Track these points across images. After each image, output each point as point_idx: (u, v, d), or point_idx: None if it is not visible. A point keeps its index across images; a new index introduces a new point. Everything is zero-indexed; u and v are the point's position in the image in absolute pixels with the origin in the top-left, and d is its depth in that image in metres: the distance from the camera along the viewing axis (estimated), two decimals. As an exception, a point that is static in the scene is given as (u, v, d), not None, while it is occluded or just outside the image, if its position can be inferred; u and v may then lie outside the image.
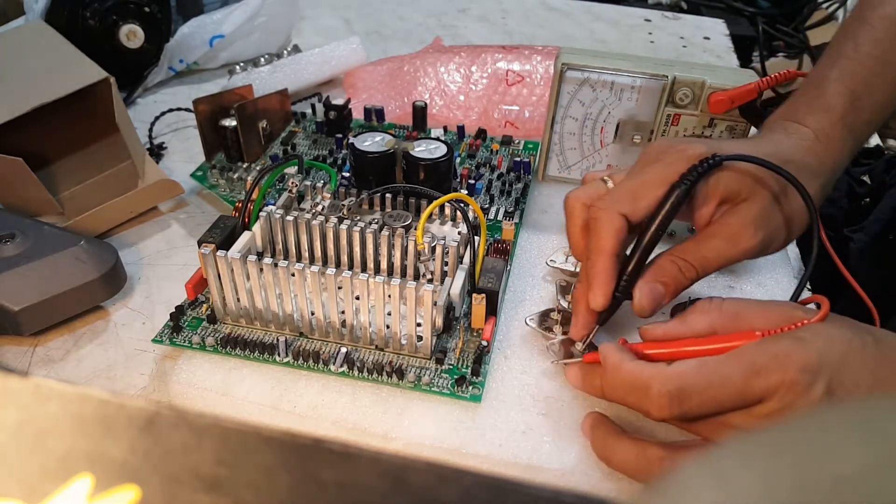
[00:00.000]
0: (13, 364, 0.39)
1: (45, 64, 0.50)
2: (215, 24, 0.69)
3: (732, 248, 0.36)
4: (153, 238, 0.49)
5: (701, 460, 0.13)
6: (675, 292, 0.36)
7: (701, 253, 0.37)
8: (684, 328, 0.34)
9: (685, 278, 0.36)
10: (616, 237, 0.36)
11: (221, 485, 0.12)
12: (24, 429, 0.13)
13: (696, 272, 0.36)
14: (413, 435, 0.35)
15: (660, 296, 0.36)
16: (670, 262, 0.36)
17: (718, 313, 0.34)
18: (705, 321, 0.34)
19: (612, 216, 0.36)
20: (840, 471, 0.12)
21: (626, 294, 0.37)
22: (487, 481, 0.12)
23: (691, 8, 1.15)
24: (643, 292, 0.36)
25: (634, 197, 0.36)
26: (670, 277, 0.36)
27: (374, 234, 0.41)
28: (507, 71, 0.64)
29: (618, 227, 0.36)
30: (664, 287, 0.36)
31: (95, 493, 0.12)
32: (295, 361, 0.38)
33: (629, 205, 0.36)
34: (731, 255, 0.37)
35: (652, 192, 0.36)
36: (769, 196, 0.37)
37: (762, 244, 0.37)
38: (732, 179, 0.36)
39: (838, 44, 0.44)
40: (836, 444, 0.12)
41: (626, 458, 0.33)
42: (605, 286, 0.36)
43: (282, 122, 0.58)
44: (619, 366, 0.33)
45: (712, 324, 0.34)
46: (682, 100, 0.48)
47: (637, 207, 0.36)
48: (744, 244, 0.36)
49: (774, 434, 0.14)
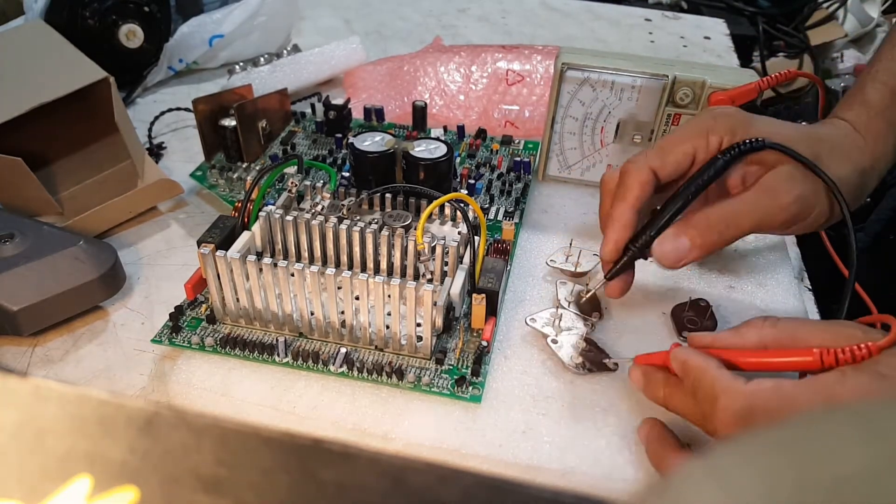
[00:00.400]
0: (12, 364, 0.39)
1: (45, 64, 0.50)
2: (215, 24, 0.69)
3: (768, 202, 0.35)
4: (152, 238, 0.49)
5: (701, 460, 0.13)
6: (703, 246, 0.35)
7: (733, 206, 0.35)
8: (737, 340, 0.32)
9: (714, 232, 0.35)
10: (641, 188, 0.35)
11: (221, 485, 0.12)
12: (24, 429, 0.13)
13: (727, 225, 0.35)
14: (413, 435, 0.35)
15: (684, 249, 0.35)
16: (700, 215, 0.35)
17: (772, 329, 0.32)
18: (756, 336, 0.32)
19: (640, 167, 0.36)
20: (840, 471, 0.11)
21: (642, 251, 0.36)
22: (487, 481, 0.12)
23: (691, 8, 1.15)
24: (667, 241, 0.35)
25: (663, 152, 0.36)
26: (699, 230, 0.35)
27: (373, 234, 0.41)
28: (507, 71, 0.64)
29: (644, 179, 0.36)
30: (689, 239, 0.35)
31: (95, 493, 0.12)
32: (294, 362, 0.38)
33: (658, 159, 0.36)
34: (766, 211, 0.35)
35: (679, 146, 0.36)
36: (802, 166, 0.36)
37: (800, 202, 0.35)
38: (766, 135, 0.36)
39: (879, 51, 0.44)
40: (837, 444, 0.12)
41: None
42: (618, 233, 0.35)
43: (281, 122, 0.58)
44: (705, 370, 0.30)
45: (763, 339, 0.32)
46: (683, 99, 0.48)
47: (666, 162, 0.36)
48: (781, 198, 0.35)
49: (775, 434, 0.14)
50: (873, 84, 0.41)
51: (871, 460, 0.12)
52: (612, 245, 0.36)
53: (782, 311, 0.44)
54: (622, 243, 0.36)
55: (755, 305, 0.44)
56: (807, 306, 0.45)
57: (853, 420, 0.13)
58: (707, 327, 0.41)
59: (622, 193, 0.36)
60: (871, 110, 0.40)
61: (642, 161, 0.36)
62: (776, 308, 0.44)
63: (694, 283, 0.45)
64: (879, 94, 0.41)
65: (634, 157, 0.37)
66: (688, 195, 0.36)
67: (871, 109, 0.40)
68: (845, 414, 0.14)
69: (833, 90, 1.24)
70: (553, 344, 0.39)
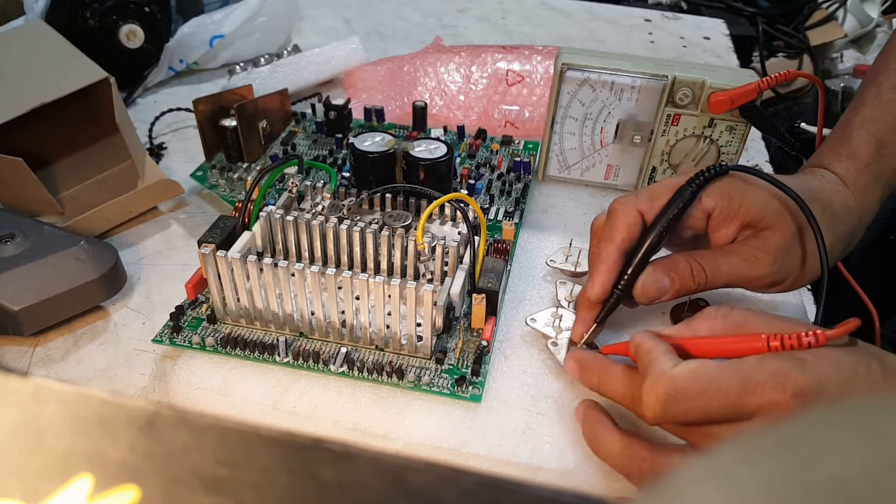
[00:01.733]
0: (13, 364, 0.39)
1: (45, 64, 0.50)
2: (215, 24, 0.69)
3: (746, 269, 0.36)
4: (153, 238, 0.49)
5: (701, 460, 0.13)
6: (679, 291, 0.36)
7: (716, 263, 0.36)
8: (689, 332, 0.33)
9: (693, 281, 0.36)
10: (627, 229, 0.36)
11: (221, 485, 0.12)
12: (24, 429, 0.13)
13: (705, 279, 0.36)
14: (413, 435, 0.35)
15: (664, 287, 0.36)
16: (684, 261, 0.37)
17: (723, 321, 0.33)
18: (707, 327, 0.33)
19: (627, 209, 0.36)
20: (841, 471, 0.12)
21: (626, 291, 0.36)
22: (487, 481, 0.12)
23: (691, 8, 1.15)
24: (650, 278, 0.36)
25: (652, 196, 0.37)
26: (679, 274, 0.36)
27: (374, 234, 0.41)
28: (507, 71, 0.64)
29: (631, 221, 0.36)
30: (670, 281, 0.36)
31: (95, 493, 0.12)
32: (295, 361, 0.38)
33: (646, 203, 0.36)
34: (742, 276, 0.37)
35: (668, 190, 0.37)
36: (792, 230, 0.37)
37: (775, 276, 0.37)
38: (758, 204, 0.36)
39: (862, 90, 0.44)
40: (837, 444, 0.12)
41: (611, 451, 0.32)
42: (605, 275, 0.36)
43: (282, 122, 0.58)
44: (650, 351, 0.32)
45: (714, 331, 0.33)
46: (682, 100, 0.48)
47: (653, 206, 0.36)
48: (758, 269, 0.36)
49: (775, 434, 0.14)
50: (860, 134, 0.42)
51: (871, 460, 0.12)
52: (599, 287, 0.36)
53: (781, 311, 0.44)
54: (609, 284, 0.36)
55: (755, 305, 0.44)
56: (806, 306, 0.45)
57: (853, 420, 0.13)
58: None
59: (609, 234, 0.37)
60: (859, 163, 0.41)
61: (630, 202, 0.37)
62: (776, 308, 0.44)
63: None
64: (867, 146, 0.41)
65: (621, 199, 0.37)
66: (661, 230, 0.36)
67: (858, 162, 0.41)
68: (846, 414, 0.14)
69: (833, 90, 1.24)
70: (553, 346, 0.39)
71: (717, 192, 0.37)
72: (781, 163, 0.87)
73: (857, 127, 0.42)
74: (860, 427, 0.13)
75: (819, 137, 0.51)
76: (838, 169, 0.41)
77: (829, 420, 0.14)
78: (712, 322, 0.33)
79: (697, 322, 0.34)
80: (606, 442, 0.33)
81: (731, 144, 0.50)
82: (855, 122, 0.42)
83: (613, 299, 0.37)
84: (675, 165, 0.52)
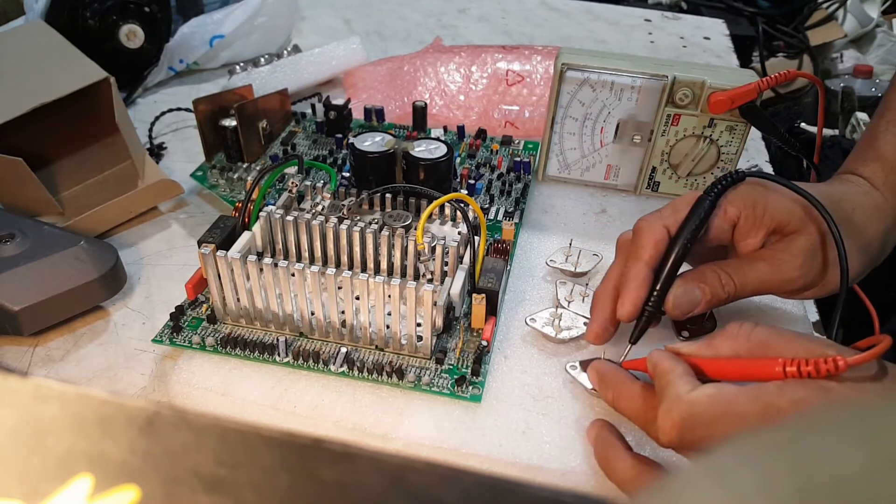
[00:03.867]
0: (13, 364, 0.39)
1: (45, 64, 0.50)
2: (215, 24, 0.69)
3: (775, 274, 0.36)
4: (153, 238, 0.49)
5: (701, 460, 0.13)
6: (710, 303, 0.36)
7: (743, 270, 0.36)
8: (710, 352, 0.32)
9: (723, 291, 0.36)
10: (654, 246, 0.36)
11: (221, 485, 0.12)
12: (24, 429, 0.13)
13: (734, 288, 0.36)
14: (413, 435, 0.35)
15: (696, 299, 0.36)
16: (712, 272, 0.36)
17: (745, 340, 0.32)
18: (730, 347, 0.32)
19: (653, 226, 0.36)
20: (841, 472, 0.12)
21: (657, 307, 0.36)
22: (487, 481, 0.12)
23: (691, 8, 1.15)
24: (681, 290, 0.35)
25: (675, 210, 0.37)
26: (710, 285, 0.36)
27: (374, 234, 0.41)
28: (507, 71, 0.64)
29: (658, 237, 0.36)
30: (701, 292, 0.36)
31: (95, 493, 0.12)
32: (295, 361, 0.38)
33: (671, 217, 0.37)
34: (771, 281, 0.36)
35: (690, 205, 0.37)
36: (820, 232, 0.36)
37: (804, 278, 0.36)
38: (782, 210, 0.36)
39: (887, 97, 0.44)
40: (837, 444, 0.12)
41: (624, 476, 0.32)
42: (635, 293, 0.36)
43: (282, 122, 0.58)
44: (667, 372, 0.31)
45: (737, 351, 0.32)
46: (682, 100, 0.48)
47: (677, 220, 0.36)
48: (787, 273, 0.36)
49: (775, 434, 0.14)
50: (885, 136, 0.41)
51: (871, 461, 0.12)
52: (629, 306, 0.36)
53: (782, 314, 0.44)
54: (640, 302, 0.36)
55: (755, 307, 0.44)
56: (807, 308, 0.45)
57: (853, 420, 0.13)
58: (707, 328, 0.41)
59: (636, 252, 0.36)
60: (887, 165, 0.41)
61: (655, 219, 0.37)
62: (777, 310, 0.44)
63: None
64: (893, 147, 0.41)
65: (647, 217, 0.37)
66: (686, 241, 0.36)
67: (886, 164, 0.41)
68: (846, 414, 0.14)
69: (832, 90, 1.24)
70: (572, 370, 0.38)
71: (741, 201, 0.36)
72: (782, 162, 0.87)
73: (882, 130, 0.42)
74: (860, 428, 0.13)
75: (819, 137, 0.51)
76: (865, 172, 0.41)
77: (828, 421, 0.14)
78: (735, 342, 0.32)
79: (720, 341, 0.32)
80: (619, 467, 0.32)
81: (731, 144, 0.50)
82: (880, 126, 0.42)
83: (645, 317, 0.36)
84: (675, 165, 0.52)
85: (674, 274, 0.36)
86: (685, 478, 0.13)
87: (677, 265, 0.36)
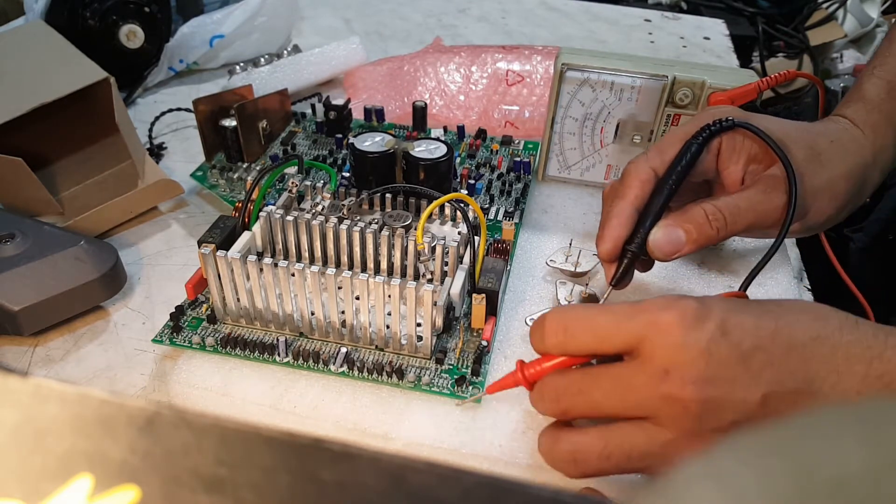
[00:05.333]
0: (13, 364, 0.39)
1: (45, 64, 0.50)
2: (215, 24, 0.69)
3: (766, 202, 0.35)
4: (153, 238, 0.49)
5: (701, 460, 0.13)
6: (698, 241, 0.35)
7: (733, 202, 0.35)
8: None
9: (711, 227, 0.35)
10: (640, 186, 0.36)
11: (221, 485, 0.12)
12: (24, 429, 0.13)
13: (724, 222, 0.35)
14: (413, 435, 0.35)
15: (678, 239, 0.35)
16: (697, 208, 0.35)
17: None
18: None
19: (638, 167, 0.36)
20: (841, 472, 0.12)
21: (640, 249, 0.35)
22: (487, 481, 0.12)
23: (691, 8, 1.15)
24: (661, 232, 0.35)
25: (661, 150, 0.37)
26: (694, 224, 0.35)
27: (374, 234, 0.41)
28: (507, 71, 0.64)
29: (644, 177, 0.36)
30: (685, 231, 0.35)
31: (95, 493, 0.12)
32: (295, 361, 0.38)
33: (657, 158, 0.36)
34: (762, 209, 0.35)
35: (677, 143, 0.36)
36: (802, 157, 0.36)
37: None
38: (756, 143, 0.36)
39: (877, 51, 0.44)
40: (837, 444, 0.12)
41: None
42: (615, 230, 0.35)
43: (282, 122, 0.58)
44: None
45: None
46: (682, 100, 0.48)
47: (664, 160, 0.36)
48: (776, 199, 0.35)
49: (775, 434, 0.14)
50: (870, 79, 0.42)
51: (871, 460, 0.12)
52: (610, 243, 0.36)
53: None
54: (621, 241, 0.36)
55: (755, 305, 0.44)
56: (806, 306, 0.45)
57: (853, 420, 0.13)
58: None
59: (622, 191, 0.36)
60: (869, 104, 0.41)
61: (642, 160, 0.37)
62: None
63: (693, 283, 0.45)
64: (876, 88, 0.41)
65: (634, 159, 0.38)
66: (670, 184, 0.36)
67: (868, 104, 0.41)
68: (846, 414, 0.14)
69: (833, 90, 1.24)
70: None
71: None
72: (781, 163, 0.87)
73: (867, 74, 0.42)
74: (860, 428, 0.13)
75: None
76: (848, 112, 0.41)
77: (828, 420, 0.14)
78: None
79: None
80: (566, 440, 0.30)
81: (731, 144, 0.50)
82: (866, 71, 0.43)
83: (627, 259, 0.36)
84: (675, 165, 0.52)
85: (659, 214, 0.35)
86: (685, 478, 0.13)
87: (662, 207, 0.35)
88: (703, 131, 0.37)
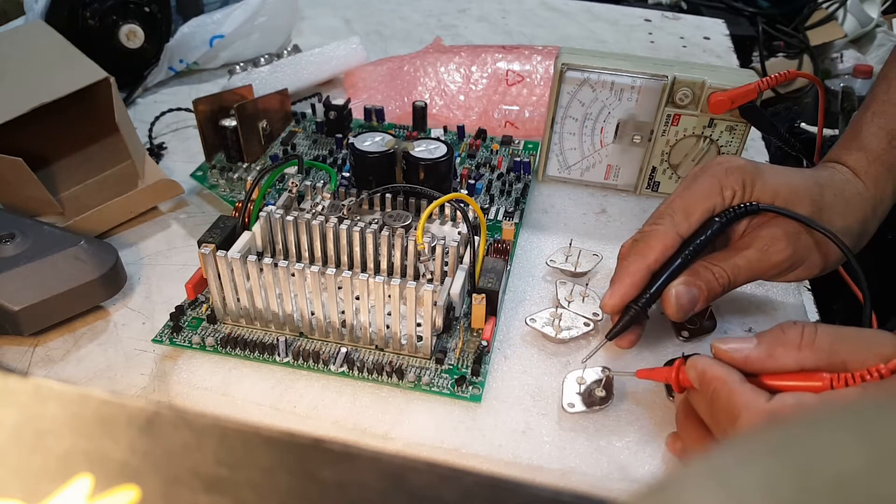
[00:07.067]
0: (13, 364, 0.39)
1: (45, 64, 0.50)
2: (215, 24, 0.69)
3: (763, 260, 0.37)
4: (153, 238, 0.49)
5: (701, 460, 0.13)
6: (708, 298, 0.37)
7: (733, 261, 0.37)
8: (773, 363, 0.30)
9: (718, 285, 0.37)
10: (662, 251, 0.37)
11: (221, 485, 0.12)
12: (24, 429, 0.13)
13: (728, 279, 0.37)
14: (413, 435, 0.35)
15: (694, 298, 0.36)
16: (704, 268, 0.37)
17: (810, 350, 0.30)
18: (794, 359, 0.30)
19: (667, 231, 0.37)
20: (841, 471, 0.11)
21: (645, 309, 0.37)
22: (487, 481, 0.12)
23: (691, 8, 1.15)
24: (679, 291, 0.36)
25: (687, 214, 0.37)
26: (705, 282, 0.36)
27: (374, 234, 0.41)
28: (507, 71, 0.64)
29: (669, 243, 0.37)
30: (699, 290, 0.36)
31: (95, 493, 0.12)
32: (295, 361, 0.38)
33: (684, 222, 0.37)
34: (761, 267, 0.37)
35: (701, 206, 0.37)
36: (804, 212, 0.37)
37: (791, 259, 0.37)
38: (765, 195, 0.37)
39: (874, 87, 0.44)
40: (837, 444, 0.12)
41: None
42: (626, 288, 0.36)
43: (282, 122, 0.58)
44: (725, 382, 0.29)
45: (803, 363, 0.30)
46: (682, 100, 0.48)
47: (690, 224, 0.37)
48: (774, 256, 0.37)
49: (775, 433, 0.14)
50: (869, 128, 0.42)
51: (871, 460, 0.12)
52: (617, 299, 0.36)
53: (781, 312, 0.44)
54: (628, 299, 0.36)
55: (755, 306, 0.44)
56: (806, 306, 0.45)
57: (854, 419, 0.13)
58: (706, 328, 0.41)
59: (643, 250, 0.37)
60: (870, 155, 0.41)
61: (669, 225, 0.37)
62: (775, 308, 0.44)
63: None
64: (877, 138, 0.41)
65: (660, 220, 0.38)
66: (687, 256, 0.37)
67: (869, 154, 0.41)
68: (846, 413, 0.14)
69: (833, 90, 1.24)
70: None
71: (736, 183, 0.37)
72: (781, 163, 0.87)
73: (867, 122, 0.42)
74: (860, 427, 0.13)
75: (819, 137, 0.51)
76: (850, 161, 0.42)
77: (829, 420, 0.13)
78: (800, 354, 0.30)
79: (782, 351, 0.30)
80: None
81: (731, 144, 0.50)
82: (865, 117, 0.43)
83: (629, 316, 0.37)
84: (675, 165, 0.52)
85: (669, 280, 0.37)
86: (685, 478, 0.13)
87: (675, 274, 0.37)
88: (728, 212, 0.37)
